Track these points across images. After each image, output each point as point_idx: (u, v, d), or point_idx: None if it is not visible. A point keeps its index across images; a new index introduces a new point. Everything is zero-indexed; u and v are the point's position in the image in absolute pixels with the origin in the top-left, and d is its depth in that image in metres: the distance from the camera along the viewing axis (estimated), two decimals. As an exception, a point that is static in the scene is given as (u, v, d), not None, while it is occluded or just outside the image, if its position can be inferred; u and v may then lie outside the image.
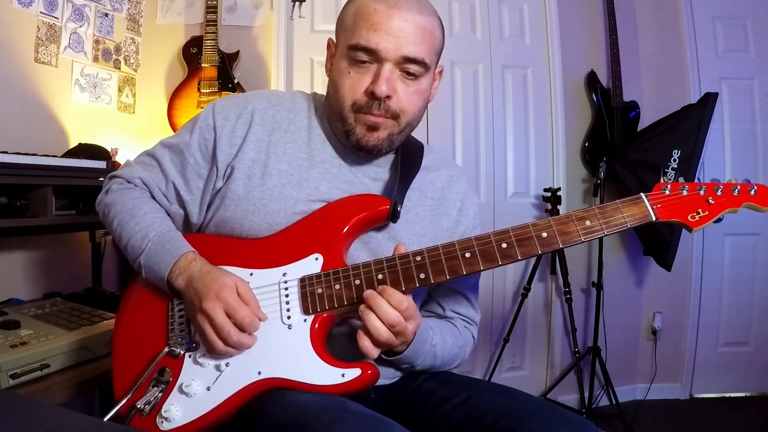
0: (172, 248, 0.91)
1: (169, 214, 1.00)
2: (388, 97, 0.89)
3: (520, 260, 0.85)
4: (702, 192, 0.86)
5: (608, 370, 2.42)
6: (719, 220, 0.86)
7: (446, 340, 0.98)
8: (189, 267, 0.89)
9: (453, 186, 1.06)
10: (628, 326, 2.75)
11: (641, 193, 0.87)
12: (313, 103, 1.04)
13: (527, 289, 2.40)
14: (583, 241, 0.84)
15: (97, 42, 2.06)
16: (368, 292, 0.83)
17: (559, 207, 2.40)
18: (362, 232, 0.94)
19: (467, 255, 0.84)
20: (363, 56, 0.89)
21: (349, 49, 0.90)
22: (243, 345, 0.84)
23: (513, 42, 2.55)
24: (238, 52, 2.26)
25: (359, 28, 0.89)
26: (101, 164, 1.62)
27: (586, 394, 2.44)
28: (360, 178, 0.99)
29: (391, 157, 1.03)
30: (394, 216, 0.92)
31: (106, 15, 2.10)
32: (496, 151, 2.52)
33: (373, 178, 1.00)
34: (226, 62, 2.22)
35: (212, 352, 0.84)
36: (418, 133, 1.04)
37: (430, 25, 0.92)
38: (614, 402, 2.35)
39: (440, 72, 1.02)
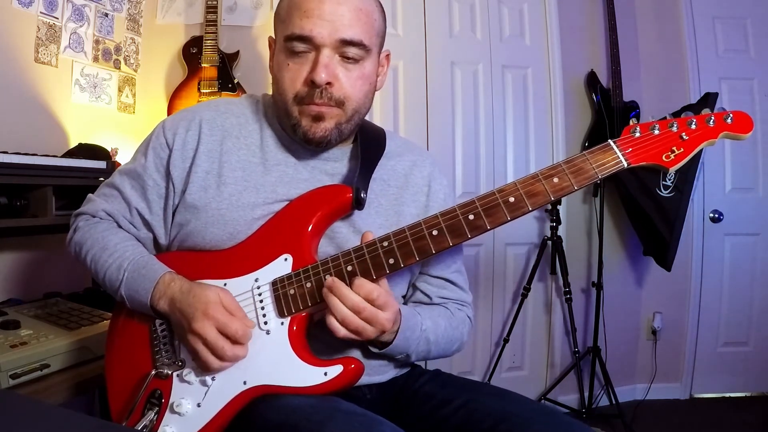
0: (148, 273, 0.89)
1: (139, 240, 0.99)
2: (329, 84, 0.86)
3: (489, 230, 0.82)
4: (674, 128, 0.81)
5: (608, 370, 2.42)
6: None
7: (438, 323, 0.96)
8: (168, 289, 0.87)
9: (417, 170, 1.03)
10: (628, 326, 2.75)
11: (609, 140, 0.82)
12: (263, 106, 1.02)
13: (527, 289, 2.39)
14: (553, 200, 0.81)
15: (97, 42, 2.05)
16: (330, 280, 0.82)
17: (558, 207, 2.40)
18: (330, 223, 0.92)
19: (434, 233, 0.82)
20: (299, 46, 0.87)
21: (285, 41, 0.88)
22: (238, 358, 0.83)
23: (513, 42, 2.54)
24: (238, 52, 2.26)
25: (293, 18, 0.87)
26: (101, 164, 1.62)
27: (586, 394, 2.45)
28: (317, 175, 0.96)
29: (347, 149, 1.00)
30: (358, 203, 0.90)
31: (106, 15, 2.10)
32: (496, 151, 2.52)
33: (330, 173, 0.97)
34: (226, 62, 2.21)
35: (208, 370, 0.84)
36: (418, 133, 1.03)
37: (367, 6, 0.89)
38: (614, 402, 2.35)
39: (387, 57, 0.99)
